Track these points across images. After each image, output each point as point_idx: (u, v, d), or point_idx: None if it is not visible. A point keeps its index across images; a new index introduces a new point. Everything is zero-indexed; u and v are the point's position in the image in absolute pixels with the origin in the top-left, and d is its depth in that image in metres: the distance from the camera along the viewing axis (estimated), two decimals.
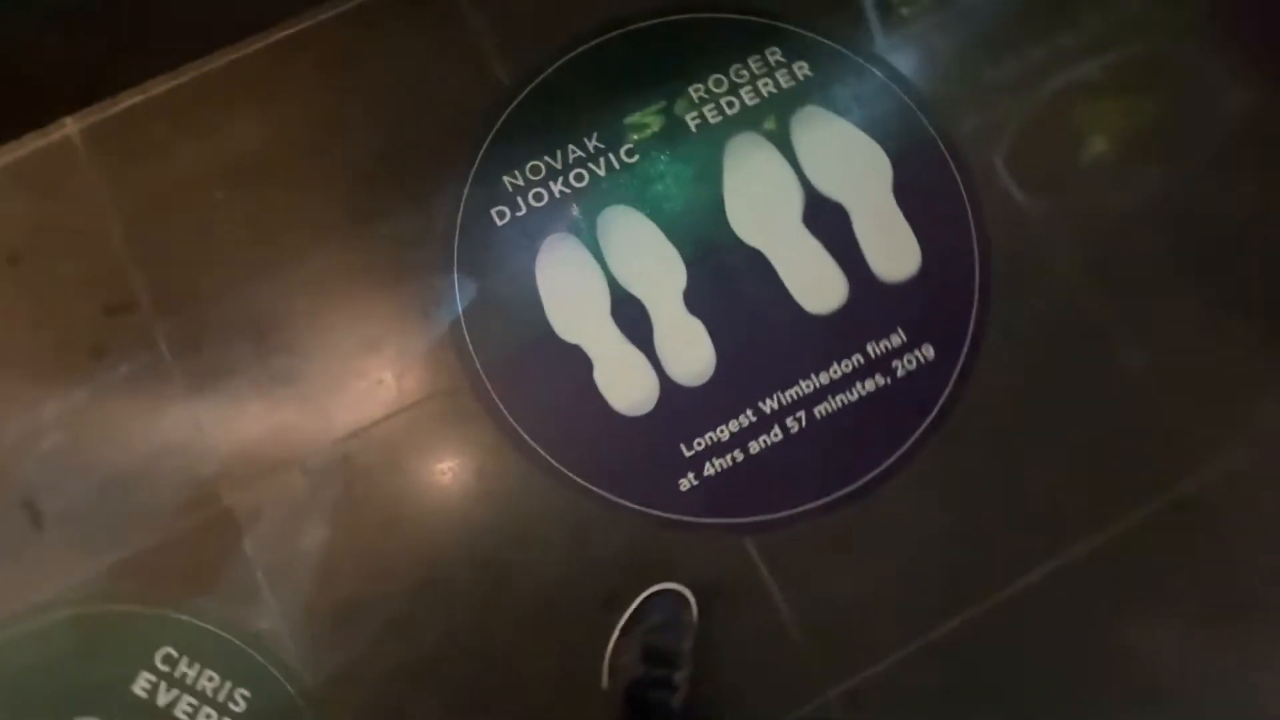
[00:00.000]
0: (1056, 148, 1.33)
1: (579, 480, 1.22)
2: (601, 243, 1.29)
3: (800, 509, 1.23)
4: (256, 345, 1.26)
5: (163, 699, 1.16)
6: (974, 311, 1.28)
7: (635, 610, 1.13)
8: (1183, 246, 1.29)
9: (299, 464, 1.22)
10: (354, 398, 1.25)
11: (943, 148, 1.32)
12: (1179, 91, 1.34)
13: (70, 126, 1.31)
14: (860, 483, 1.23)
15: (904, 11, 1.36)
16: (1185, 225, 1.29)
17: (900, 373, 1.26)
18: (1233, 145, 1.32)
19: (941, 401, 1.25)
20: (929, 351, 1.27)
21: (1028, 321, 1.28)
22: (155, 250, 1.28)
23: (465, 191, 1.30)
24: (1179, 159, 1.32)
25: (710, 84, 1.33)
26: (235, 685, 1.17)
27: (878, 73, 1.34)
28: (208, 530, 1.20)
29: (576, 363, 1.25)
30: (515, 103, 1.32)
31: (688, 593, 1.14)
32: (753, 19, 1.35)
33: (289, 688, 1.17)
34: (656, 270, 1.28)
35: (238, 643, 1.18)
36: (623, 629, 1.12)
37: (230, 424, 1.24)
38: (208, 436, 1.23)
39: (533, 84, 1.33)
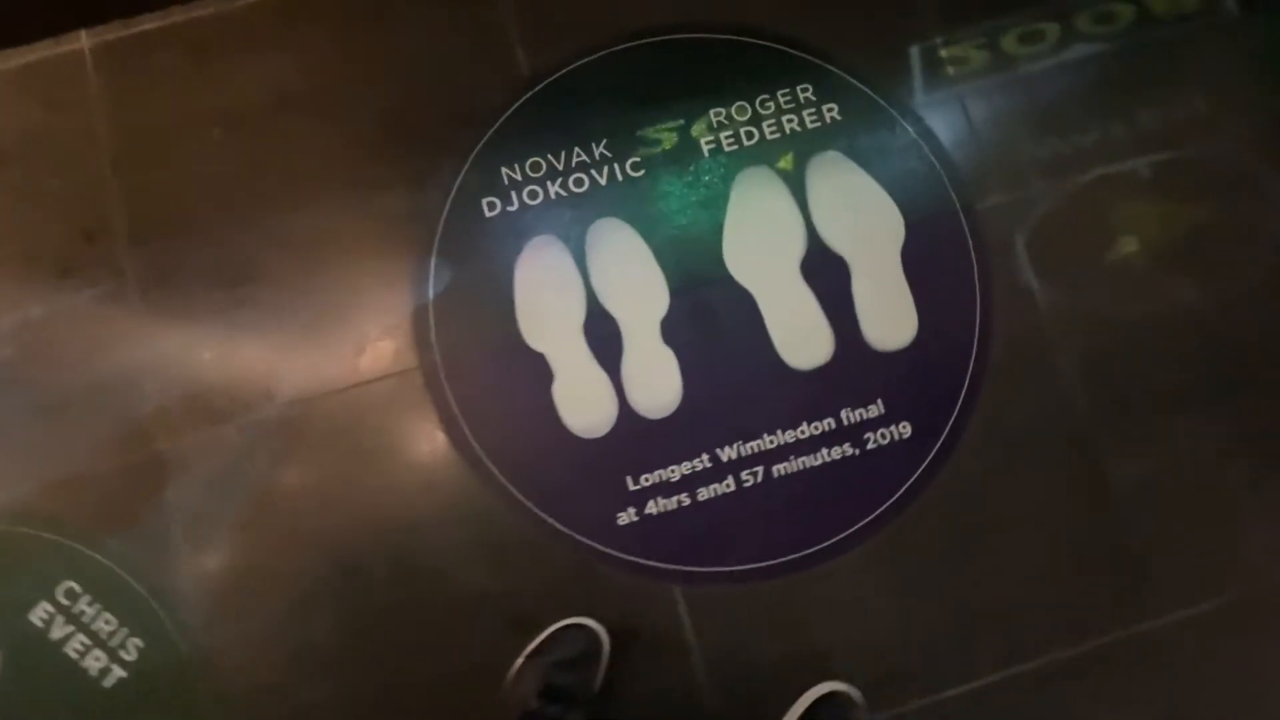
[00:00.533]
0: (1084, 240, 1.25)
1: (515, 493, 1.17)
2: (588, 253, 1.24)
3: (738, 567, 1.17)
4: (223, 294, 1.23)
5: (57, 633, 1.13)
6: (962, 396, 1.20)
7: (545, 639, 1.07)
8: (1194, 370, 1.20)
9: (238, 422, 1.19)
10: (308, 364, 1.21)
11: (963, 219, 1.25)
12: (1227, 206, 1.25)
13: (84, 40, 1.30)
14: (805, 552, 1.17)
15: (951, 70, 1.29)
16: (1202, 349, 1.20)
17: (871, 445, 1.19)
18: (1273, 273, 1.23)
19: (909, 484, 1.18)
20: (905, 429, 1.20)
21: (1016, 417, 1.20)
22: (142, 180, 1.26)
23: (461, 176, 1.25)
24: (1212, 277, 1.23)
25: (733, 110, 1.27)
26: (131, 633, 1.14)
27: (910, 129, 1.27)
28: (135, 472, 1.18)
29: (537, 372, 1.20)
30: (530, 94, 1.27)
31: (603, 633, 1.08)
32: (791, 51, 1.29)
33: (183, 646, 1.14)
34: (639, 292, 1.23)
35: (142, 591, 1.15)
36: (528, 655, 1.07)
37: (179, 368, 1.21)
38: (154, 377, 1.20)
39: (551, 78, 1.28)
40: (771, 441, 1.19)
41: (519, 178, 1.25)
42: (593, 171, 1.26)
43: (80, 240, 1.24)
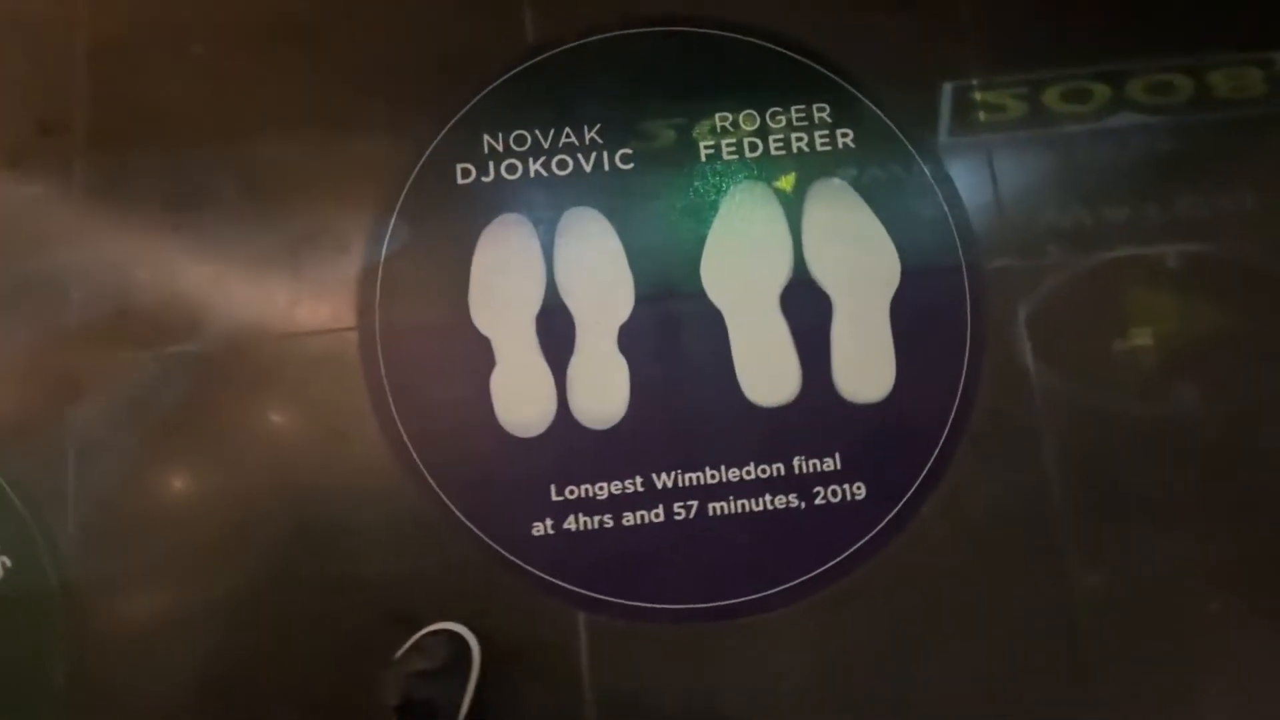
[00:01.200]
0: (1093, 323, 1.14)
1: (430, 480, 1.09)
2: (557, 241, 1.15)
3: (652, 605, 1.07)
4: (169, 215, 1.16)
5: None
6: (928, 466, 1.10)
7: (413, 644, 0.99)
8: (1185, 486, 1.08)
9: (158, 350, 1.12)
10: (241, 303, 1.14)
11: (965, 276, 1.15)
12: (1256, 316, 1.14)
13: None
14: (726, 603, 1.07)
15: (983, 116, 1.19)
16: (1198, 465, 1.09)
17: (819, 501, 1.09)
18: None
19: (853, 550, 1.08)
20: (860, 490, 1.10)
21: (983, 500, 1.09)
22: (112, 81, 1.19)
23: (440, 135, 1.17)
24: (1224, 389, 1.11)
25: (740, 118, 1.18)
26: (1, 551, 1.07)
27: (926, 171, 1.17)
28: (41, 383, 1.11)
29: (479, 356, 1.12)
30: (530, 63, 1.19)
31: (474, 643, 0.99)
32: (814, 65, 1.19)
33: (52, 575, 1.07)
34: (602, 291, 1.14)
35: (22, 509, 1.08)
36: (397, 660, 0.98)
37: (111, 283, 1.14)
38: (83, 287, 1.14)
39: (556, 50, 1.20)
40: (713, 476, 1.10)
41: (500, 148, 1.17)
42: (579, 156, 1.17)
43: (36, 132, 1.18)
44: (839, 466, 1.10)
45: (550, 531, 1.08)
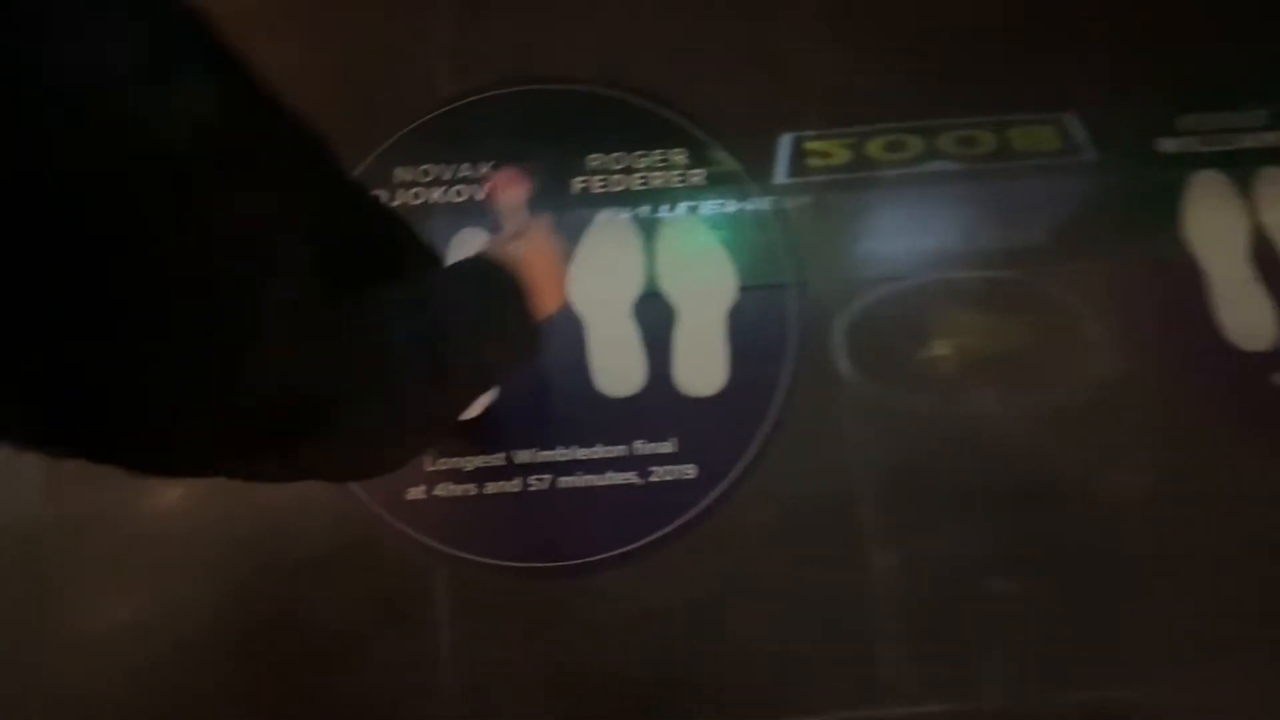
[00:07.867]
0: (901, 336, 1.32)
1: None
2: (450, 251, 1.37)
3: (508, 563, 1.25)
4: None
5: None
6: (750, 454, 1.28)
7: None
8: (977, 478, 1.24)
9: None
10: None
11: (792, 294, 1.34)
12: (1045, 335, 1.31)
13: None
14: (568, 563, 1.24)
15: (814, 161, 1.40)
16: (990, 460, 1.25)
17: (654, 479, 1.27)
18: (1072, 407, 1.28)
19: (682, 521, 1.26)
20: (690, 471, 1.27)
21: (796, 485, 1.26)
22: None
23: (359, 167, 1.42)
24: (1015, 395, 1.28)
25: (612, 159, 1.41)
26: None
27: (765, 206, 1.38)
28: None
29: None
30: (440, 111, 1.44)
31: None
32: (674, 118, 1.43)
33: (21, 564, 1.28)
34: None
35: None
36: None
37: None
38: None
39: (462, 101, 1.45)
40: (565, 455, 1.28)
41: (409, 179, 1.41)
42: (475, 186, 1.40)
43: None
44: (675, 450, 1.28)
45: (424, 497, 1.27)
